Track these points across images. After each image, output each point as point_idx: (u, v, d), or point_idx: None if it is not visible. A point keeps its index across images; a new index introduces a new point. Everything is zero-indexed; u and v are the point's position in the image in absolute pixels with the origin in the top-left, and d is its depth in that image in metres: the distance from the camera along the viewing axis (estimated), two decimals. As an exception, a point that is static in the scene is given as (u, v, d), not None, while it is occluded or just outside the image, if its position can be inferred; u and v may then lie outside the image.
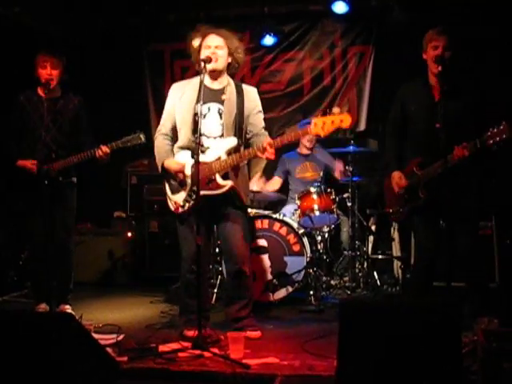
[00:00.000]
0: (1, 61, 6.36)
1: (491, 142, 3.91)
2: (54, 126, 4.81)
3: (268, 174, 6.61)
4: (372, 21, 7.13)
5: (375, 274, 5.95)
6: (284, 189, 6.63)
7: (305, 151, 6.55)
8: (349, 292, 5.70)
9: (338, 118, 3.87)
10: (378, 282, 5.90)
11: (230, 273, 4.39)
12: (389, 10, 6.80)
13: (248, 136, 4.30)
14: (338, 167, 6.49)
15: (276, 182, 6.63)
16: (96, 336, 3.56)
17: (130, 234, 7.04)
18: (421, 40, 4.26)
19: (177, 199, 4.23)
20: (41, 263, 4.81)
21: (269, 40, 7.22)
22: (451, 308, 2.92)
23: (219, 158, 4.11)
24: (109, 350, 3.54)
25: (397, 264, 6.22)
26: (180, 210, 4.20)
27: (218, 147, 4.14)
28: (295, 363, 3.55)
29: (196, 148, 3.89)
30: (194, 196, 4.05)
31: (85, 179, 5.24)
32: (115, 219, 7.19)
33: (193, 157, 4.08)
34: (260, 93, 7.47)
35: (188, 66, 7.49)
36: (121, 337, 3.99)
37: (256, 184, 6.22)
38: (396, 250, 6.23)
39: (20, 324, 3.04)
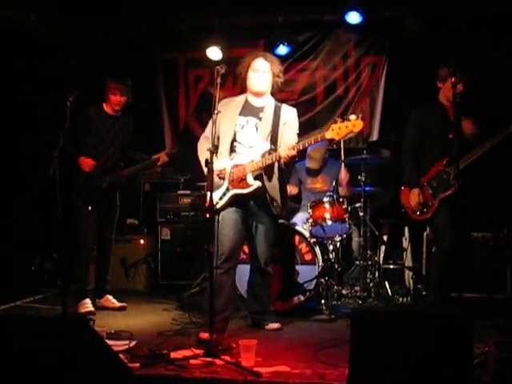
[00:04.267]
0: (15, 66, 6.47)
1: None
2: (116, 141, 5.63)
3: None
4: (385, 31, 7.13)
5: (386, 283, 5.93)
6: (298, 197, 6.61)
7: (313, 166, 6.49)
8: (360, 302, 5.66)
9: (351, 123, 4.21)
10: (390, 292, 5.88)
11: (254, 270, 4.81)
12: (402, 20, 6.77)
13: None
14: (343, 179, 6.41)
15: (292, 188, 6.52)
16: (108, 342, 3.56)
17: (142, 241, 7.07)
18: (434, 50, 4.29)
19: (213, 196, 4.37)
20: (87, 261, 5.62)
21: (282, 49, 7.22)
22: (462, 318, 2.93)
23: (253, 161, 4.48)
24: (121, 356, 3.55)
25: (408, 274, 6.20)
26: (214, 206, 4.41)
27: (253, 152, 4.53)
28: (306, 372, 3.55)
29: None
30: (227, 196, 4.53)
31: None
32: (128, 226, 7.21)
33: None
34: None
35: (202, 75, 7.55)
36: (133, 343, 4.03)
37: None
38: (407, 260, 6.22)
39: (34, 329, 3.06)
